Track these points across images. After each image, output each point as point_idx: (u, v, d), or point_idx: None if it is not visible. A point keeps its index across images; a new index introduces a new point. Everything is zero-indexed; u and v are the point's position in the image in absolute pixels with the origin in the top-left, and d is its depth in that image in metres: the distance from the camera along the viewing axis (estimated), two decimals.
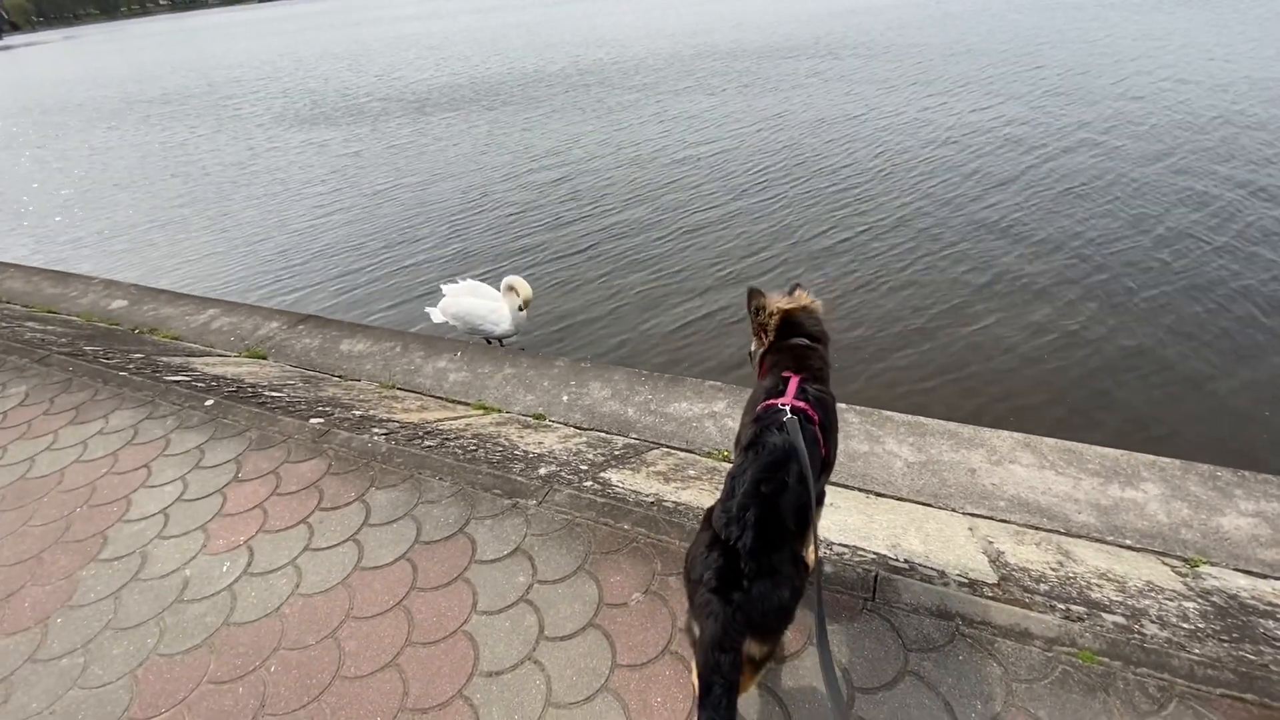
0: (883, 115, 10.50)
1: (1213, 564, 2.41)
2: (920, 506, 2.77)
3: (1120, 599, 1.97)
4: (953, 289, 5.46)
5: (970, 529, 2.54)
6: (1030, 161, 7.94)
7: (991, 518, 2.70)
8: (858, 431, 3.21)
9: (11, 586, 2.25)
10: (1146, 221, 6.26)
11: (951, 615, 1.79)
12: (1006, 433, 3.15)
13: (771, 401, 1.56)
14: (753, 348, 1.85)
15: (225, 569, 2.20)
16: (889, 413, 3.34)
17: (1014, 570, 2.13)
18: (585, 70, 17.29)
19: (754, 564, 1.25)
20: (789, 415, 1.48)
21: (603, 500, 2.30)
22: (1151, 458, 2.92)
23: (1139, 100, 9.89)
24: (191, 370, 3.75)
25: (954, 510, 2.75)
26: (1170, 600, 2.00)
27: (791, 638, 1.77)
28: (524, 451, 2.85)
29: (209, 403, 3.08)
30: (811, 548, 1.83)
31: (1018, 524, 2.66)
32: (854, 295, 5.50)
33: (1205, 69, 11.39)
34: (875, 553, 2.12)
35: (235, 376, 3.74)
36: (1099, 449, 2.98)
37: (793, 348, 1.71)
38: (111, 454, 2.81)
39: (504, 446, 2.90)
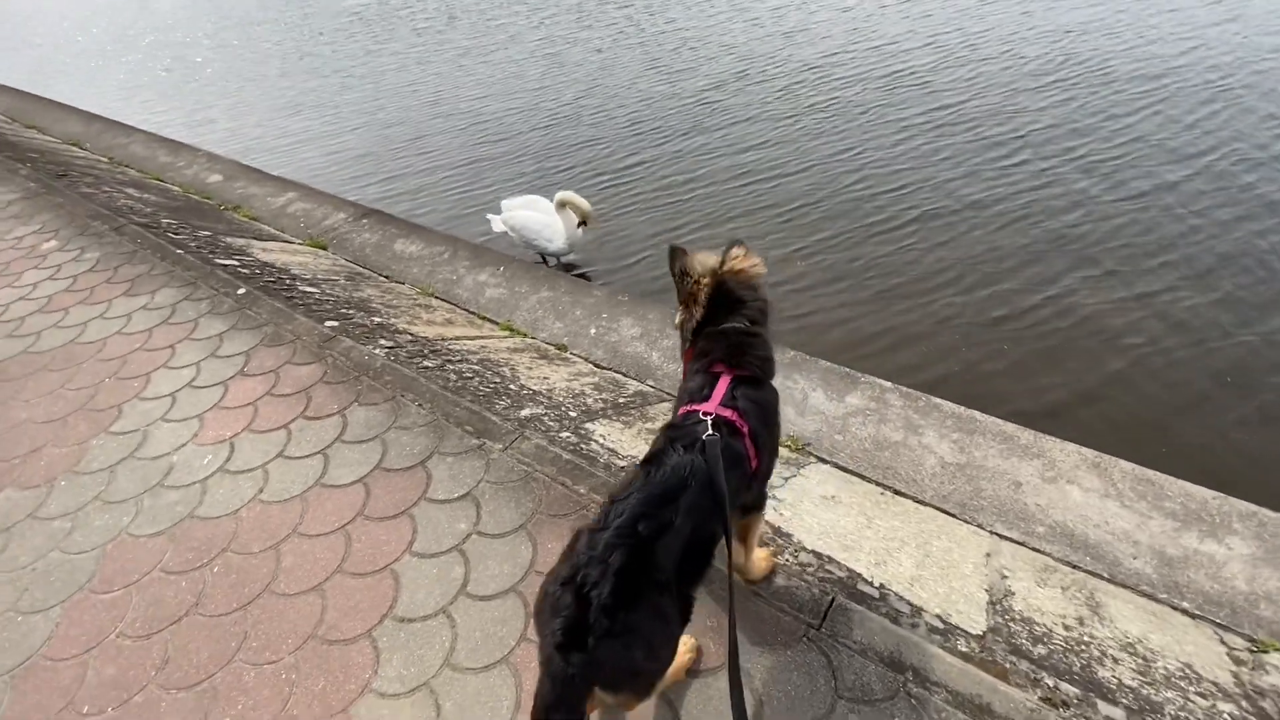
0: None
1: None
2: (939, 515, 2.43)
3: (1134, 684, 1.62)
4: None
5: (987, 555, 2.20)
6: None
7: (1022, 544, 2.33)
8: (896, 416, 2.85)
9: (37, 443, 2.46)
10: None
11: (904, 667, 1.53)
12: (1074, 446, 2.67)
13: (694, 407, 1.30)
14: (678, 318, 1.53)
15: (206, 461, 2.29)
16: (938, 400, 2.93)
17: (1013, 620, 1.81)
18: None
19: (605, 621, 1.04)
20: (710, 432, 1.23)
21: (569, 456, 2.15)
22: (1252, 507, 2.38)
23: None
24: (247, 254, 3.89)
25: (979, 527, 2.40)
26: (1202, 698, 1.63)
27: (714, 650, 1.60)
28: (520, 386, 2.73)
29: (240, 291, 3.16)
30: (746, 556, 1.63)
31: (1052, 557, 2.28)
32: None
33: None
34: (848, 569, 1.86)
35: (284, 265, 3.84)
36: (1185, 484, 2.47)
37: (727, 334, 1.40)
38: (148, 330, 2.97)
39: (502, 378, 2.80)
